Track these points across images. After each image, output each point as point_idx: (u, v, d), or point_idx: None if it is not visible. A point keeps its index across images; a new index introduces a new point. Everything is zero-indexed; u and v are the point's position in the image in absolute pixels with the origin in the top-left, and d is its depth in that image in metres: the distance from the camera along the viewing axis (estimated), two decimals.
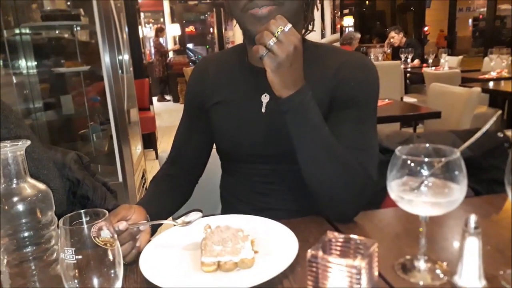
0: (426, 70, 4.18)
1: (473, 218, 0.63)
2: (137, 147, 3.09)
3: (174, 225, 0.83)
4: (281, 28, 0.75)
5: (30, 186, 0.65)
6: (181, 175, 1.09)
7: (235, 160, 1.04)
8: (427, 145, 0.71)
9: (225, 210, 1.12)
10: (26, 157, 0.67)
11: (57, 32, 3.01)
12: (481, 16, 8.13)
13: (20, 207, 0.63)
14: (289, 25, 0.76)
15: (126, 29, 3.09)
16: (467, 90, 2.57)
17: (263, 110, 0.97)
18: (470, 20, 8.44)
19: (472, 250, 0.63)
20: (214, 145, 1.11)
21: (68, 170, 1.29)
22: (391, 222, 0.91)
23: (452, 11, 6.20)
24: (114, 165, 2.58)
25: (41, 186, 0.67)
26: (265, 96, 0.97)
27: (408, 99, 4.27)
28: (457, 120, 2.61)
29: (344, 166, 0.84)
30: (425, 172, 0.66)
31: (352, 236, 0.59)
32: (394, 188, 0.69)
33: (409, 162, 0.66)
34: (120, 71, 2.52)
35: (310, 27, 1.00)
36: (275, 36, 0.75)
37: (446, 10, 7.22)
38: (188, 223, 0.82)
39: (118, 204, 1.44)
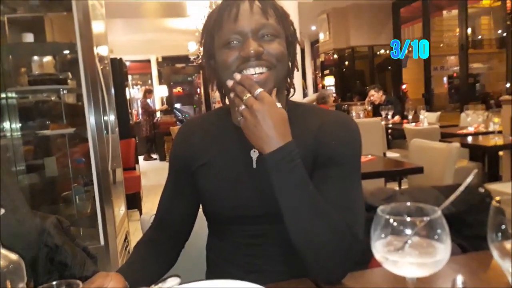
0: (406, 126, 4.30)
1: (460, 279, 0.63)
2: (120, 208, 3.03)
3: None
4: (246, 95, 0.82)
5: (1, 257, 0.62)
6: (166, 240, 1.06)
7: (224, 222, 1.02)
8: (409, 203, 0.71)
9: (211, 272, 1.08)
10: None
11: (44, 95, 3.04)
12: (455, 74, 8.51)
13: None
14: (259, 89, 0.82)
15: (113, 91, 3.14)
16: (447, 146, 2.63)
17: (254, 165, 0.96)
18: (445, 78, 8.83)
19: None
20: (201, 208, 1.10)
21: (47, 235, 1.24)
22: (378, 283, 0.89)
23: (427, 70, 6.50)
24: (96, 227, 2.51)
25: (13, 256, 0.64)
26: (254, 151, 0.96)
27: (391, 154, 4.34)
28: (440, 174, 2.65)
29: (329, 224, 0.82)
30: (408, 231, 0.65)
31: None
32: (379, 248, 0.67)
33: (391, 221, 0.66)
34: (105, 132, 2.53)
35: (292, 90, 1.04)
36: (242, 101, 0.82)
37: (421, 69, 7.59)
38: None
39: (97, 271, 1.38)
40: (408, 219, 0.64)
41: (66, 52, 2.89)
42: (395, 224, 0.66)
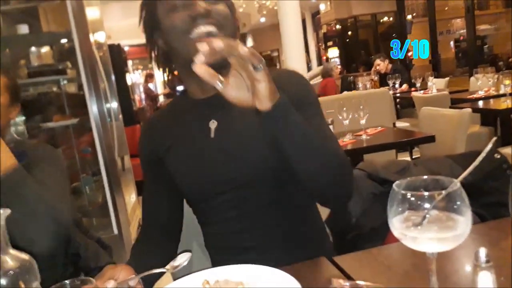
0: (415, 94, 4.22)
1: (483, 252, 0.59)
2: (131, 196, 3.03)
3: (164, 272, 0.82)
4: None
5: (12, 258, 0.60)
6: (159, 236, 1.05)
7: (203, 200, 1.01)
8: (425, 176, 0.68)
9: (215, 264, 1.07)
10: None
11: (44, 87, 3.02)
12: (461, 38, 8.32)
13: (3, 281, 0.58)
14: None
15: (113, 77, 3.10)
16: (458, 112, 2.57)
17: (212, 135, 0.96)
18: (452, 42, 8.64)
19: (485, 284, 0.59)
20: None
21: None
22: (397, 259, 0.86)
23: (433, 35, 6.34)
24: (109, 217, 2.52)
25: (24, 256, 0.62)
26: (213, 122, 0.97)
27: (400, 124, 4.27)
28: (452, 142, 2.59)
29: (336, 146, 0.90)
30: (426, 205, 0.62)
31: (358, 282, 0.55)
32: (396, 225, 0.65)
33: (408, 196, 0.63)
34: (109, 120, 2.50)
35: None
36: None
37: (427, 35, 7.41)
38: (177, 267, 0.81)
39: (112, 261, 1.38)
40: (426, 193, 0.61)
41: (63, 41, 2.85)
42: (412, 199, 0.63)
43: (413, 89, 5.16)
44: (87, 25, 2.40)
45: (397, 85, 5.29)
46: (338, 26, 7.22)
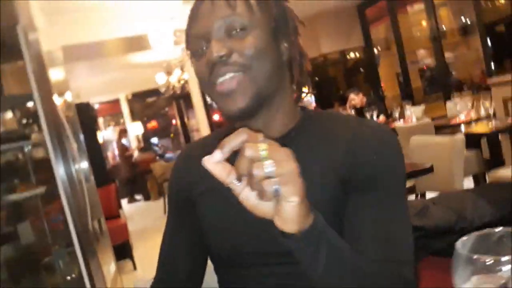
0: (397, 125, 4.16)
1: None
2: (110, 266, 2.74)
3: None
4: (263, 150, 0.53)
5: None
6: None
7: (233, 264, 0.81)
8: (496, 230, 0.53)
9: None
10: None
11: (9, 154, 2.77)
12: (425, 67, 8.61)
13: None
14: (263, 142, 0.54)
15: (82, 138, 2.91)
16: (451, 138, 2.47)
17: None
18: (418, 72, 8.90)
19: None
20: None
21: None
22: None
23: (403, 65, 6.46)
24: None
25: None
26: None
27: None
28: (448, 170, 2.47)
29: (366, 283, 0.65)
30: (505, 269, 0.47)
31: None
32: None
33: (485, 261, 0.49)
34: (78, 183, 2.27)
35: (304, 92, 0.81)
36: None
37: (392, 67, 7.57)
38: None
39: None
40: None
41: (29, 104, 2.66)
42: (490, 263, 0.48)
43: (390, 119, 5.14)
44: (50, 86, 2.23)
45: (375, 117, 5.26)
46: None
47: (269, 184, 0.51)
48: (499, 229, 0.53)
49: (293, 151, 0.54)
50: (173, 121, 12.47)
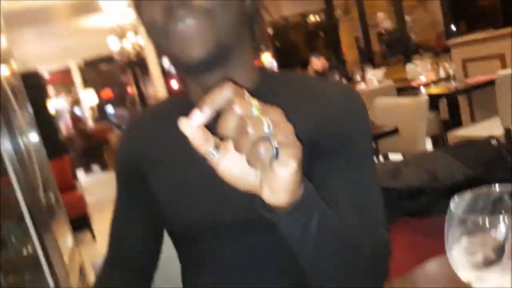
0: (359, 88, 4.16)
1: None
2: (66, 241, 2.62)
3: None
4: (256, 108, 0.44)
5: None
6: (127, 273, 0.80)
7: (191, 239, 0.74)
8: (492, 187, 0.50)
9: None
10: None
11: None
12: (383, 31, 8.67)
13: None
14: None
15: (30, 109, 2.71)
16: (416, 100, 2.47)
17: None
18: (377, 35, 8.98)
19: None
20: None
21: None
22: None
23: (365, 30, 6.45)
24: (42, 270, 2.11)
25: None
26: None
27: None
28: (412, 131, 2.48)
29: (356, 250, 0.62)
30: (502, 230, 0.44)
31: None
32: (460, 262, 0.46)
33: (480, 221, 0.45)
34: (27, 156, 2.11)
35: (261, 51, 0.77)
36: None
37: (352, 30, 7.56)
38: None
39: None
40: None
41: None
42: (486, 224, 0.44)
43: (351, 83, 5.14)
44: None
45: None
46: (270, 30, 7.13)
47: (267, 146, 0.43)
48: (495, 187, 0.50)
49: None
50: (129, 89, 12.05)
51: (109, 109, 11.42)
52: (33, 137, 2.59)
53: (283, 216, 0.50)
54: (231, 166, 0.47)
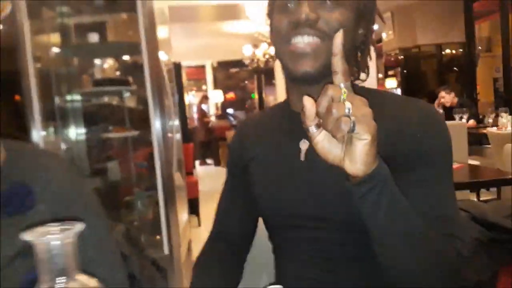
0: (490, 130, 3.91)
1: None
2: (183, 215, 2.93)
3: None
4: (344, 93, 0.59)
5: (79, 285, 0.48)
6: (228, 252, 0.96)
7: (280, 226, 0.87)
8: None
9: None
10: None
11: (106, 99, 3.03)
12: None
13: None
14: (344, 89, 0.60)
15: (176, 96, 3.09)
16: None
17: (302, 158, 0.82)
18: None
19: None
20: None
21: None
22: None
23: (506, 70, 5.93)
24: (159, 235, 2.41)
25: (93, 284, 0.50)
26: (304, 142, 0.82)
27: (471, 162, 3.95)
28: None
29: (433, 250, 0.69)
30: None
31: None
32: None
33: None
34: (170, 136, 2.44)
35: (364, 75, 0.86)
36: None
37: (491, 70, 6.99)
38: None
39: (166, 286, 1.25)
40: None
41: (127, 56, 2.86)
42: None
43: (481, 125, 4.82)
44: (157, 41, 2.37)
45: (464, 120, 4.94)
46: (400, 56, 6.96)
47: (346, 121, 0.56)
48: None
49: None
50: (251, 95, 12.64)
51: (229, 110, 12.11)
52: (176, 121, 2.91)
53: (358, 186, 0.61)
54: (324, 141, 0.61)
